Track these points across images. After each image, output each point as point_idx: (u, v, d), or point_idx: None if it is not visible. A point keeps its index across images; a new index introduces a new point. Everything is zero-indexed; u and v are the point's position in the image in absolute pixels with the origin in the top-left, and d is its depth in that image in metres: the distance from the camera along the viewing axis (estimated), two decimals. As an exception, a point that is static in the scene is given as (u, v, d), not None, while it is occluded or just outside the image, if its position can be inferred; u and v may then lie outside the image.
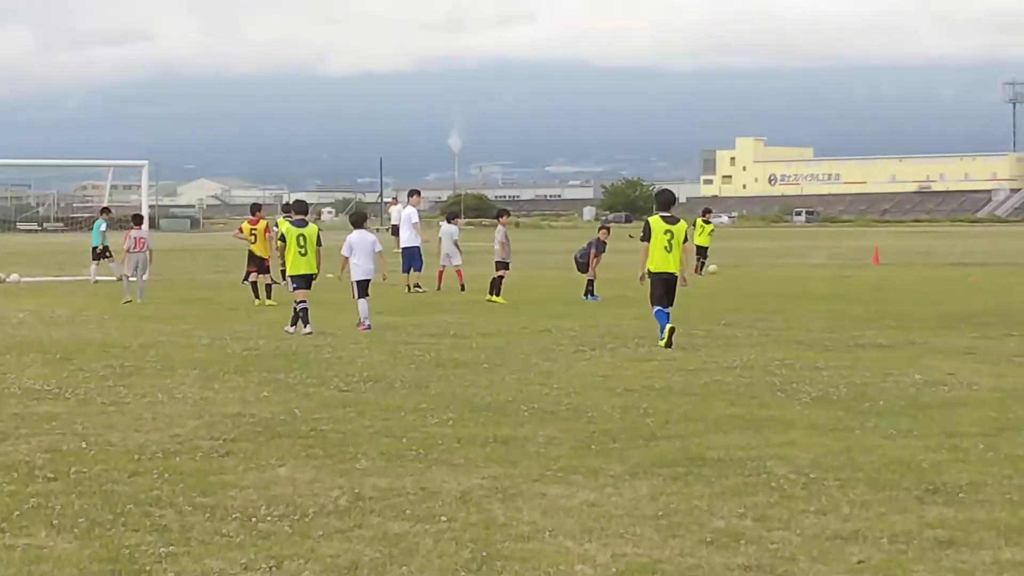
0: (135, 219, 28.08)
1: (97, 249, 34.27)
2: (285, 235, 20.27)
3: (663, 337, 17.42)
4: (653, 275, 17.88)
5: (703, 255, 38.06)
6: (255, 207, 29.38)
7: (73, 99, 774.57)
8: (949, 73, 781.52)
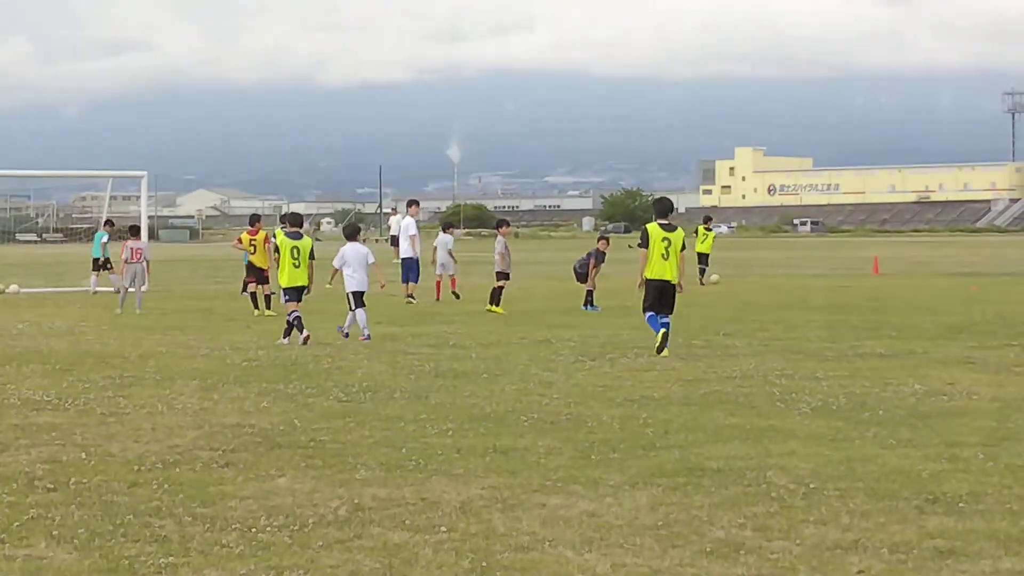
0: (132, 230, 28.15)
1: (99, 260, 34.31)
2: (279, 246, 20.43)
3: (660, 339, 17.53)
4: (649, 282, 17.96)
5: (704, 263, 38.05)
6: (254, 218, 29.46)
7: (72, 109, 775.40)
8: (948, 83, 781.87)
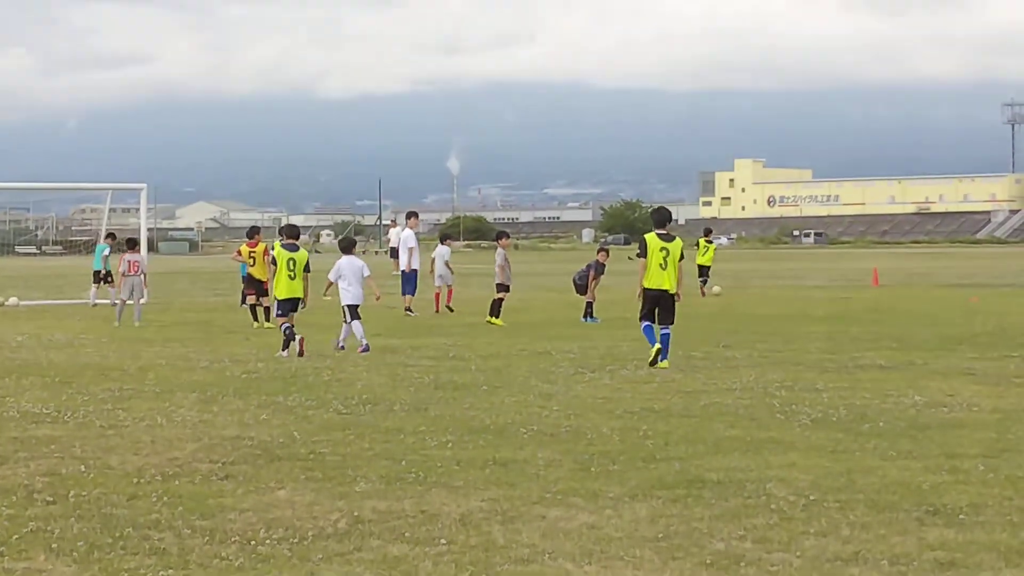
0: (129, 243, 28.24)
1: (99, 273, 34.35)
2: (276, 258, 20.47)
3: (653, 353, 17.53)
4: (647, 291, 18.00)
5: (705, 275, 38.02)
6: (253, 230, 29.49)
7: (71, 122, 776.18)
8: (948, 94, 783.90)
